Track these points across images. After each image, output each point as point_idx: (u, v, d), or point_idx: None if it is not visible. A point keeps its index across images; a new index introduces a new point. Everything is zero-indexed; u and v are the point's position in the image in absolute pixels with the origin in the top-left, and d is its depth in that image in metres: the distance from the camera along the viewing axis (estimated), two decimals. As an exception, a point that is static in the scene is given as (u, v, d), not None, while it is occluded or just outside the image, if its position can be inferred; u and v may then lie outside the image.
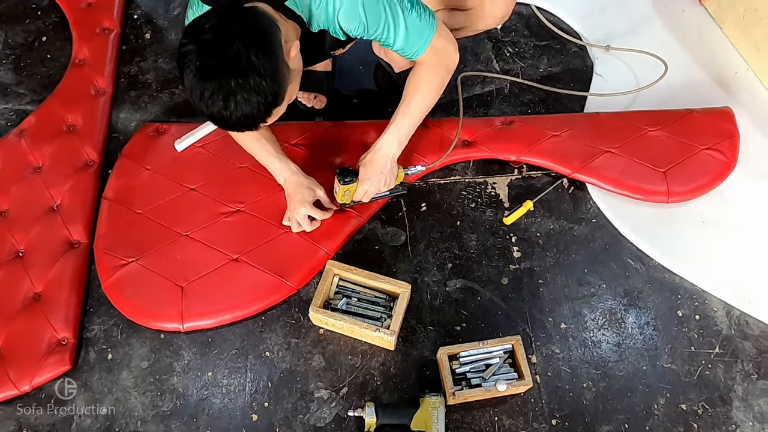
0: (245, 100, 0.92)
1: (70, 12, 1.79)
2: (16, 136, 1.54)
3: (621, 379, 1.23)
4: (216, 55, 0.90)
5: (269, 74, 0.92)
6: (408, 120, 1.23)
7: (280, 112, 1.02)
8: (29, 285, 1.30)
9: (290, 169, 1.32)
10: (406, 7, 1.07)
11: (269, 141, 1.32)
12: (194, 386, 1.22)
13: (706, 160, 1.44)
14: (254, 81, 0.91)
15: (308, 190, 1.32)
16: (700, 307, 1.31)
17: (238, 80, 0.90)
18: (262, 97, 0.93)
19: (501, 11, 1.34)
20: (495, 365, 1.17)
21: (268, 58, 0.92)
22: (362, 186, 1.28)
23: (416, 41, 1.11)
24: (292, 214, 1.32)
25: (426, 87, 1.20)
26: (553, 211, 1.44)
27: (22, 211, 1.41)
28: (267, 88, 0.93)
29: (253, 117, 0.95)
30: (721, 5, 1.74)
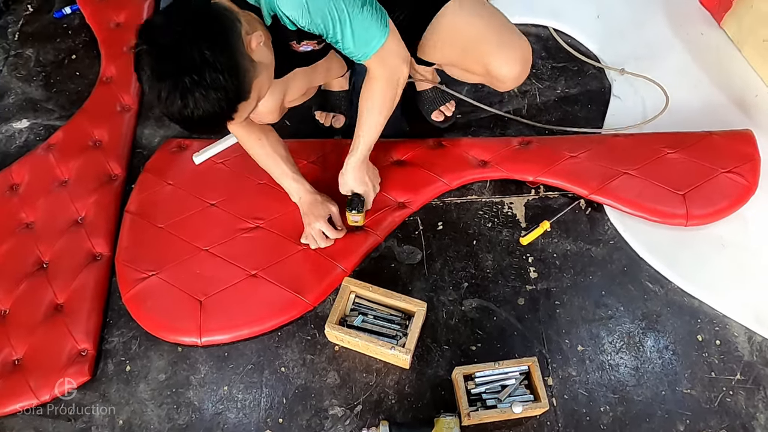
0: (203, 97, 0.88)
1: (100, 31, 1.85)
2: (44, 150, 1.58)
3: (639, 404, 1.21)
4: (168, 55, 0.87)
5: (226, 69, 0.89)
6: (363, 144, 1.25)
7: (249, 107, 0.99)
8: (52, 296, 1.33)
9: (305, 188, 1.35)
10: (354, 3, 1.01)
11: (284, 160, 1.35)
12: (210, 400, 1.23)
13: (726, 184, 1.43)
14: (210, 77, 0.87)
15: (322, 206, 1.35)
16: (721, 332, 1.29)
17: (192, 77, 0.86)
18: (222, 93, 0.90)
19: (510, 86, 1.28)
20: (511, 386, 1.16)
21: (222, 53, 0.89)
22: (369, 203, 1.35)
23: (364, 44, 1.06)
24: (308, 230, 1.34)
25: (376, 104, 1.18)
26: (570, 232, 1.43)
27: (48, 223, 1.45)
28: (225, 83, 0.89)
29: (216, 114, 0.92)
30: (740, 28, 1.74)
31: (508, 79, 1.26)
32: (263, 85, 1.01)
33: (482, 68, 1.25)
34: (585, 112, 1.68)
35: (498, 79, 1.26)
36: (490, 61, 1.23)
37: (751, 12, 1.68)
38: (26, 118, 1.69)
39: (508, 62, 1.23)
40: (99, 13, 1.88)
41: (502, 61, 1.22)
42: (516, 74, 1.25)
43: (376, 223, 1.41)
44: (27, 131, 1.67)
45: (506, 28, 1.25)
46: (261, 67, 0.98)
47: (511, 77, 1.25)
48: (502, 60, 1.22)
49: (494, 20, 1.25)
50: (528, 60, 1.26)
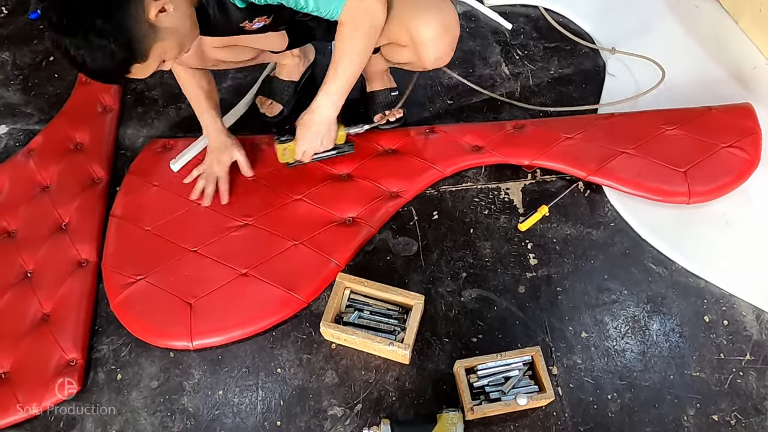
0: (91, 58, 0.92)
1: (77, 31, 1.79)
2: (24, 156, 1.53)
3: (647, 390, 1.17)
4: (59, 13, 0.90)
5: (111, 34, 0.91)
6: (339, 83, 1.20)
7: (149, 68, 1.00)
8: (37, 306, 1.29)
9: (216, 126, 1.39)
10: None
11: (205, 91, 1.37)
12: (205, 406, 1.19)
13: (728, 159, 1.39)
14: (95, 41, 0.91)
15: (227, 151, 1.39)
16: (728, 312, 1.25)
17: (78, 39, 0.90)
18: (108, 55, 0.92)
19: (434, 54, 1.23)
20: (514, 378, 1.13)
21: (111, 18, 0.91)
22: (299, 146, 1.31)
23: (328, 2, 1.05)
24: (205, 169, 1.40)
25: (351, 49, 1.15)
26: (570, 215, 1.39)
27: (31, 231, 1.40)
28: (111, 47, 0.92)
29: (105, 72, 0.96)
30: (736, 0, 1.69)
31: (426, 41, 1.20)
32: (168, 49, 1.01)
33: (406, 33, 1.21)
34: (580, 92, 1.64)
35: (419, 43, 1.21)
36: (411, 24, 1.19)
37: (747, -19, 1.64)
38: (5, 124, 1.64)
39: (429, 25, 1.18)
40: (76, 13, 1.82)
41: (424, 24, 1.18)
42: (435, 35, 1.19)
43: (370, 214, 1.37)
44: (6, 137, 1.62)
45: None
46: (165, 33, 0.98)
47: (430, 38, 1.19)
48: (424, 22, 1.18)
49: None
50: (451, 28, 1.21)
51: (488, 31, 1.80)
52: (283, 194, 1.41)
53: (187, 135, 1.57)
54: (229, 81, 1.70)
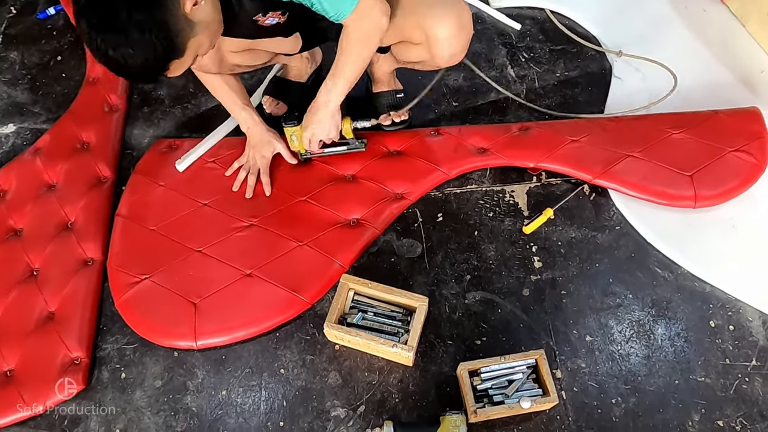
0: (131, 55, 0.91)
1: (85, 31, 1.80)
2: (31, 154, 1.54)
3: (652, 394, 1.17)
4: (97, 12, 0.90)
5: (152, 29, 0.91)
6: (343, 78, 1.22)
7: (185, 63, 1.01)
8: (43, 304, 1.29)
9: (253, 119, 1.41)
10: None
11: (236, 91, 1.40)
12: (208, 406, 1.19)
13: (735, 163, 1.38)
14: (135, 36, 0.90)
15: (268, 144, 1.42)
16: (734, 317, 1.25)
17: (119, 36, 0.90)
18: (150, 51, 0.92)
19: (448, 51, 1.24)
20: (518, 381, 1.12)
21: (150, 13, 0.91)
22: (305, 133, 1.33)
23: (340, 2, 1.07)
24: (248, 160, 1.43)
25: (355, 51, 1.17)
26: (575, 218, 1.39)
27: (37, 229, 1.41)
28: (152, 43, 0.91)
29: (146, 70, 0.95)
30: (744, 3, 1.68)
31: (442, 39, 1.21)
32: (201, 44, 1.02)
33: (420, 31, 1.22)
34: (586, 95, 1.64)
35: (434, 41, 1.21)
36: (427, 23, 1.20)
37: (755, -15, 1.63)
38: (12, 123, 1.65)
39: (445, 23, 1.19)
40: (84, 13, 1.83)
41: (439, 21, 1.19)
42: (451, 33, 1.20)
43: (374, 215, 1.37)
44: (13, 136, 1.63)
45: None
46: (199, 27, 0.99)
47: (445, 37, 1.20)
48: (440, 20, 1.19)
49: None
50: (465, 25, 1.22)
51: (494, 33, 1.80)
52: (288, 195, 1.41)
53: (193, 135, 1.58)
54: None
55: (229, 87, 1.39)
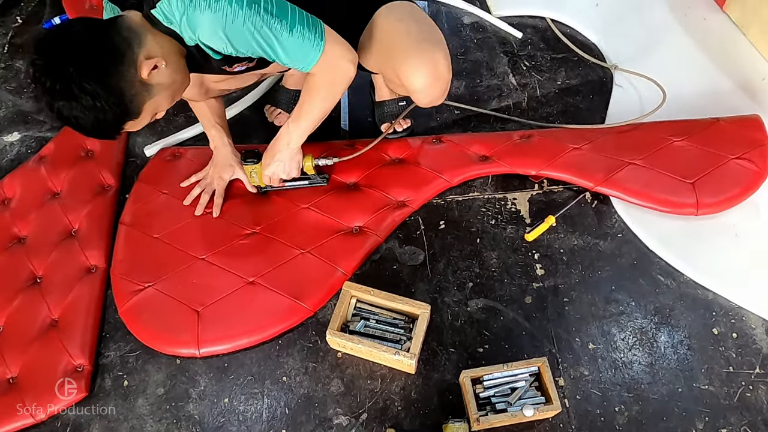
0: (84, 117, 0.93)
1: (89, 40, 1.82)
2: (36, 163, 1.55)
3: (655, 403, 1.16)
4: (50, 77, 0.91)
5: (103, 95, 0.92)
6: (306, 121, 1.22)
7: (141, 122, 1.02)
8: (46, 311, 1.30)
9: (222, 140, 1.41)
10: (282, 27, 1.01)
11: (214, 111, 1.40)
12: (210, 413, 1.19)
13: (736, 170, 1.38)
14: (87, 102, 0.91)
15: (230, 167, 1.41)
16: (737, 325, 1.24)
17: (71, 102, 0.91)
18: (101, 115, 0.94)
19: (425, 99, 1.24)
20: (521, 389, 1.12)
21: (102, 81, 0.92)
22: (264, 171, 1.33)
23: (301, 60, 1.07)
24: (206, 176, 1.42)
25: (319, 97, 1.17)
26: (577, 226, 1.39)
27: (41, 237, 1.41)
28: (104, 108, 0.93)
29: (101, 130, 0.97)
30: (744, 11, 1.69)
31: (418, 90, 1.20)
32: (160, 104, 1.03)
33: (397, 79, 1.21)
34: (587, 103, 1.65)
35: (410, 91, 1.22)
36: (401, 68, 1.18)
37: (755, -7, 1.64)
38: (17, 131, 1.67)
39: (418, 69, 1.16)
40: (88, 22, 1.85)
41: (412, 69, 1.16)
42: (426, 84, 1.18)
43: (376, 223, 1.38)
44: (18, 144, 1.64)
45: (427, 35, 1.19)
46: (157, 89, 1.01)
47: (421, 87, 1.18)
48: (414, 70, 1.16)
49: (417, 27, 1.19)
50: (441, 74, 1.18)
51: (495, 41, 1.81)
52: (291, 203, 1.41)
53: (196, 144, 1.59)
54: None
55: (207, 104, 1.38)
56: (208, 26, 0.99)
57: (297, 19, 1.03)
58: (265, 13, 1.00)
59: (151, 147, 1.57)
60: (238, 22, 0.98)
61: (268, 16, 1.00)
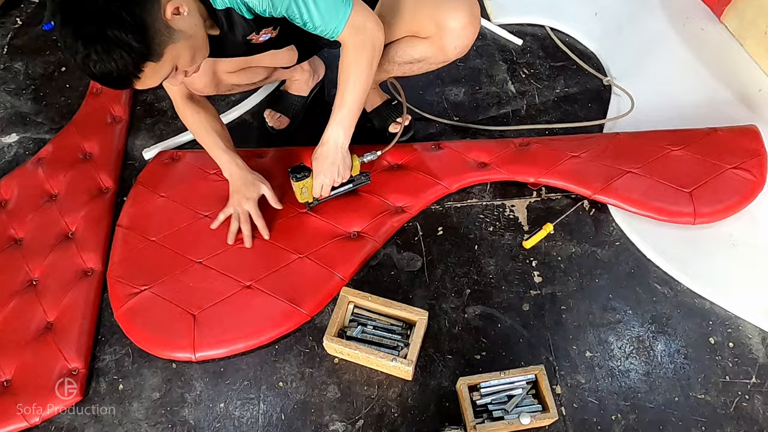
0: (105, 51, 0.88)
1: (89, 43, 1.82)
2: (34, 164, 1.55)
3: (652, 411, 1.16)
4: (73, 5, 0.88)
5: (130, 27, 0.89)
6: (347, 109, 1.21)
7: (161, 70, 0.98)
8: (42, 314, 1.29)
9: (236, 163, 1.35)
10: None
11: (220, 135, 1.36)
12: (206, 418, 1.18)
13: (734, 180, 1.39)
14: (113, 32, 0.87)
15: (253, 186, 1.35)
16: (734, 334, 1.25)
17: (94, 29, 0.87)
18: (126, 51, 0.89)
19: (458, 42, 1.26)
20: (518, 396, 1.12)
21: (131, 10, 0.89)
22: (317, 180, 1.29)
23: (332, 18, 1.08)
24: (234, 209, 1.34)
25: (355, 71, 1.17)
26: (575, 234, 1.39)
27: (37, 239, 1.41)
28: (130, 41, 0.89)
29: (120, 70, 0.91)
30: (742, 22, 1.70)
31: (456, 29, 1.22)
32: (181, 53, 0.99)
33: (431, 21, 1.23)
34: (585, 111, 1.65)
35: (447, 31, 1.23)
36: (440, 14, 1.21)
37: (752, 5, 1.65)
38: (15, 133, 1.66)
39: (458, 13, 1.21)
40: (89, 25, 1.85)
41: (453, 12, 1.21)
42: (464, 22, 1.22)
43: (374, 229, 1.37)
44: (16, 145, 1.64)
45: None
46: (179, 35, 0.97)
47: (460, 26, 1.22)
48: (453, 10, 1.21)
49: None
50: (477, 17, 1.25)
51: (495, 49, 1.82)
52: (289, 208, 1.41)
53: (195, 147, 1.58)
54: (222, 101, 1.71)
55: (211, 128, 1.35)
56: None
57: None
58: None
59: (149, 150, 1.57)
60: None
61: None
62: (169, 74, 1.02)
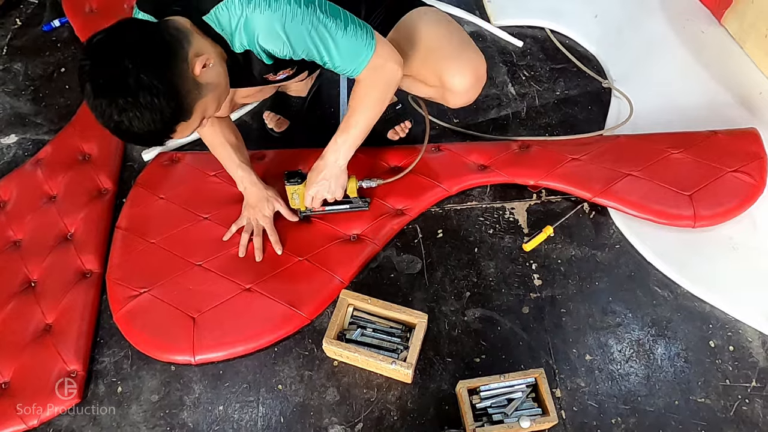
0: (138, 118, 0.90)
1: (89, 44, 1.82)
2: (32, 165, 1.54)
3: (652, 415, 1.16)
4: (105, 73, 0.89)
5: (162, 91, 0.90)
6: (351, 135, 1.21)
7: (193, 125, 1.00)
8: (40, 316, 1.28)
9: (251, 179, 1.35)
10: (337, 27, 1.04)
11: (235, 149, 1.35)
12: (205, 421, 1.18)
13: (734, 183, 1.39)
14: (144, 99, 0.89)
15: (267, 202, 1.35)
16: (734, 338, 1.24)
17: (127, 99, 0.88)
18: (157, 114, 0.91)
19: (462, 100, 1.27)
20: (517, 400, 1.12)
21: (160, 75, 0.90)
22: (308, 191, 1.29)
23: (352, 61, 1.08)
24: (249, 222, 1.35)
25: (366, 104, 1.17)
26: (575, 236, 1.39)
27: (36, 240, 1.40)
28: (161, 105, 0.91)
29: (153, 132, 0.93)
30: (742, 25, 1.70)
31: (459, 91, 1.24)
32: (209, 105, 1.02)
33: (436, 77, 1.24)
34: (585, 114, 1.65)
35: (450, 91, 1.24)
36: (444, 70, 1.22)
37: (752, 7, 1.65)
38: (14, 133, 1.66)
39: (462, 72, 1.21)
40: (88, 26, 1.85)
41: (456, 71, 1.22)
42: (468, 86, 1.23)
43: (374, 231, 1.37)
44: (15, 146, 1.63)
45: (466, 43, 1.25)
46: (207, 89, 0.99)
47: (463, 89, 1.24)
48: (456, 70, 1.22)
49: (455, 33, 1.25)
50: (481, 77, 1.25)
51: (495, 51, 1.82)
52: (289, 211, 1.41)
53: (195, 148, 1.58)
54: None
55: (226, 141, 1.34)
56: (268, 26, 0.99)
57: (349, 19, 1.06)
58: (321, 12, 1.02)
59: (149, 151, 1.57)
60: (297, 20, 0.99)
61: (324, 15, 1.02)
62: (199, 125, 1.03)
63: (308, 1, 1.01)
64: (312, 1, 1.01)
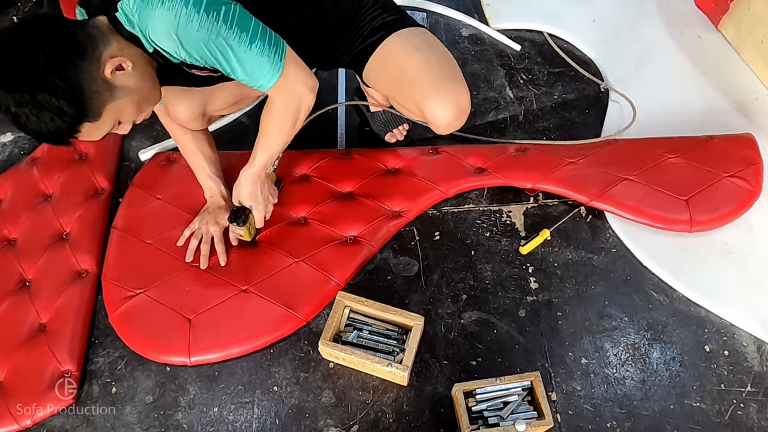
0: (35, 116, 0.87)
1: (86, 42, 1.81)
2: (28, 164, 1.54)
3: (647, 419, 1.16)
4: (8, 67, 0.86)
5: (63, 90, 0.87)
6: (260, 158, 1.19)
7: (102, 128, 0.97)
8: (35, 315, 1.28)
9: (218, 189, 1.37)
10: (240, 41, 0.97)
11: (208, 160, 1.36)
12: (199, 423, 1.17)
13: (730, 188, 1.39)
14: (42, 97, 0.86)
15: (226, 213, 1.34)
16: (729, 342, 1.25)
17: (23, 95, 0.86)
18: (56, 115, 0.88)
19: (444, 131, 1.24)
20: (513, 403, 1.11)
21: (63, 74, 0.87)
22: (257, 213, 1.28)
23: (257, 78, 1.02)
24: (200, 226, 1.33)
25: (277, 126, 1.13)
26: (571, 240, 1.39)
27: (31, 239, 1.40)
28: (61, 106, 0.88)
29: (52, 132, 0.90)
30: (739, 31, 1.71)
31: (439, 125, 1.21)
32: (124, 109, 0.98)
33: (416, 107, 1.21)
34: (583, 118, 1.66)
35: (432, 124, 1.23)
36: (423, 102, 1.18)
37: (749, 14, 1.66)
38: (10, 132, 1.65)
39: (443, 106, 1.17)
40: (86, 24, 1.84)
41: (436, 105, 1.17)
42: (448, 121, 1.20)
43: (371, 233, 1.37)
44: (11, 145, 1.63)
45: (448, 70, 1.20)
46: (121, 92, 0.96)
47: (443, 123, 1.21)
48: (436, 103, 1.17)
49: (437, 59, 1.19)
50: (464, 110, 1.20)
51: (493, 54, 1.82)
52: (285, 213, 1.41)
53: (191, 148, 1.58)
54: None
55: (199, 151, 1.33)
56: (159, 25, 0.94)
57: (259, 34, 0.99)
58: (224, 22, 0.95)
59: (145, 151, 1.56)
60: (192, 26, 0.93)
61: (226, 26, 0.95)
62: (113, 128, 1.00)
63: (211, 8, 0.94)
64: (217, 8, 0.95)
